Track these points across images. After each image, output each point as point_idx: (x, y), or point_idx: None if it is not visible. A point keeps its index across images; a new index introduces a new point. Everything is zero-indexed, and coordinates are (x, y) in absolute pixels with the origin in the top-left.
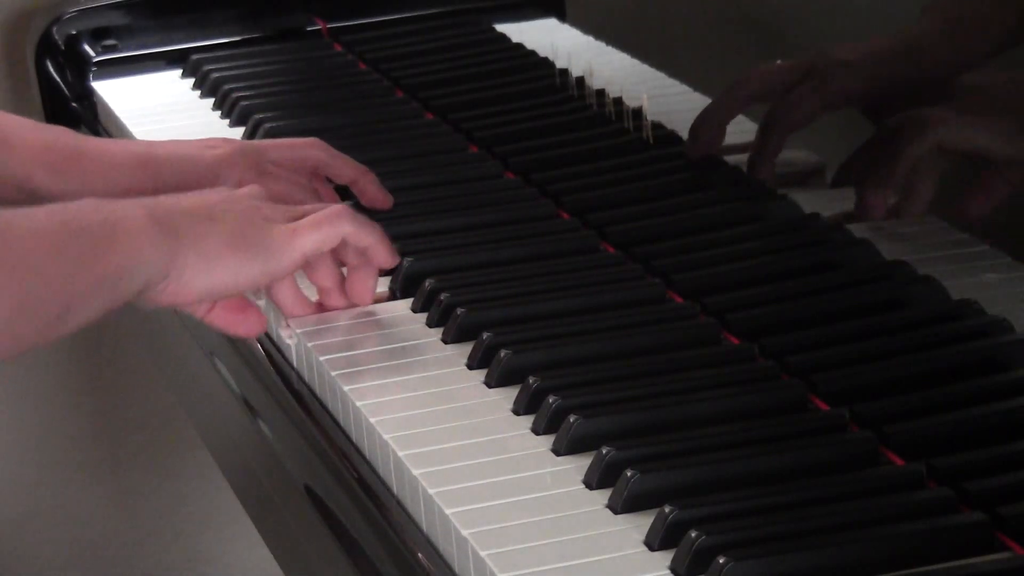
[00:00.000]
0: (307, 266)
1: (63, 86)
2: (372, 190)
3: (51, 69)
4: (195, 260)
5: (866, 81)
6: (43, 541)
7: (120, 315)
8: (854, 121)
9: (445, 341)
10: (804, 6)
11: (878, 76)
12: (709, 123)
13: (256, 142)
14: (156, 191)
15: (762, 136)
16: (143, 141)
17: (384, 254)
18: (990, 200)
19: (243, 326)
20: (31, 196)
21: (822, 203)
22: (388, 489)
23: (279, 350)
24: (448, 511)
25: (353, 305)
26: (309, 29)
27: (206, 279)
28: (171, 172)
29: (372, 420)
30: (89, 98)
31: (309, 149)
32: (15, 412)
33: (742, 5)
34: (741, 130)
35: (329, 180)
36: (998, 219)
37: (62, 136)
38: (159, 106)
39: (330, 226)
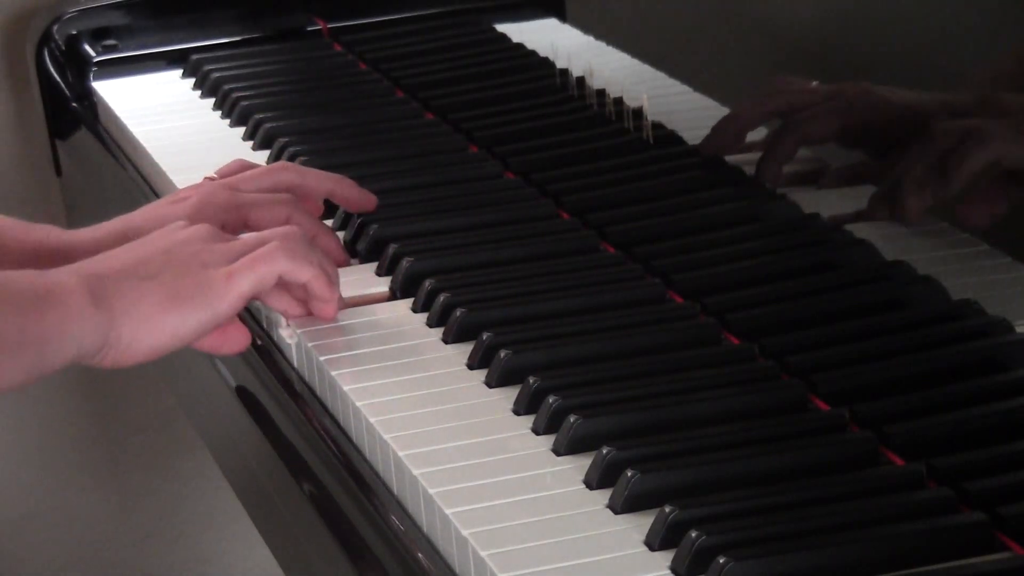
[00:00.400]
0: (260, 297)
1: (63, 86)
2: (353, 196)
3: (51, 69)
4: (131, 326)
5: (889, 124)
6: (43, 542)
7: None
8: None
9: (445, 341)
10: (804, 6)
11: (904, 124)
12: (729, 129)
13: (225, 180)
14: None
15: (774, 142)
16: (121, 217)
17: (322, 289)
18: (996, 210)
19: (227, 345)
20: None
21: (822, 203)
22: (388, 489)
23: (279, 350)
24: (448, 511)
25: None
26: (309, 29)
27: (147, 342)
28: None
29: (372, 420)
30: (89, 98)
31: (279, 174)
32: (15, 414)
33: (742, 5)
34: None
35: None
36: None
37: (51, 234)
38: (159, 106)
39: (265, 266)
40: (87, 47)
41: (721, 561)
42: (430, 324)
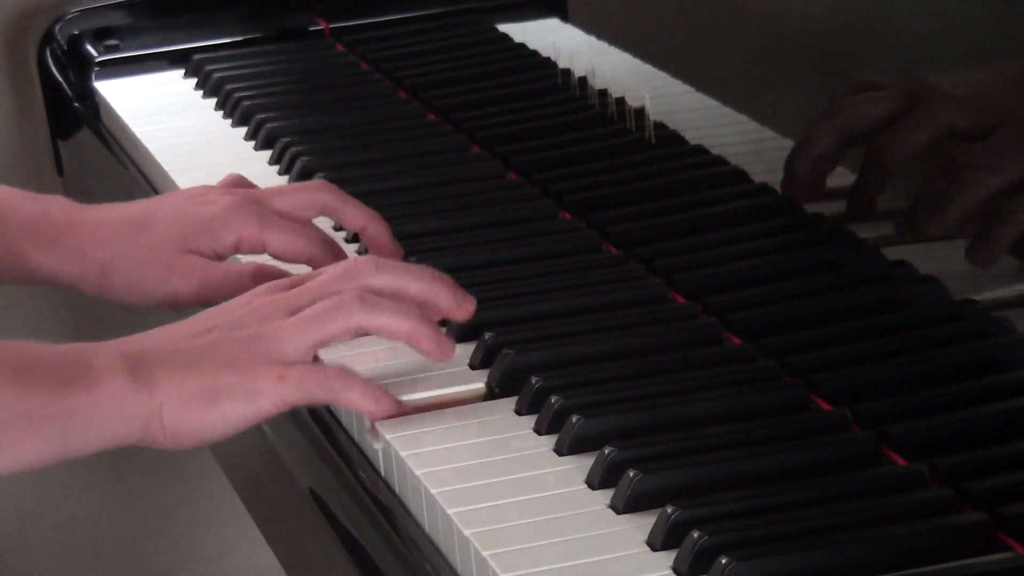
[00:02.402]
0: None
1: (65, 86)
2: (382, 240)
3: (53, 69)
4: (172, 418)
5: (974, 116)
6: (44, 542)
7: (121, 316)
8: None
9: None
10: (806, 5)
11: (986, 110)
12: (804, 158)
13: (258, 191)
14: (154, 251)
15: (865, 173)
16: (141, 203)
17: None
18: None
19: None
20: (26, 272)
21: (824, 204)
22: (390, 489)
23: None
24: (450, 511)
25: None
26: (311, 29)
27: (189, 436)
28: (168, 233)
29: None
30: (91, 98)
31: (317, 192)
32: None
33: (744, 5)
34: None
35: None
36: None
37: (54, 206)
38: (161, 106)
39: (315, 382)
40: (89, 47)
41: (723, 561)
42: None
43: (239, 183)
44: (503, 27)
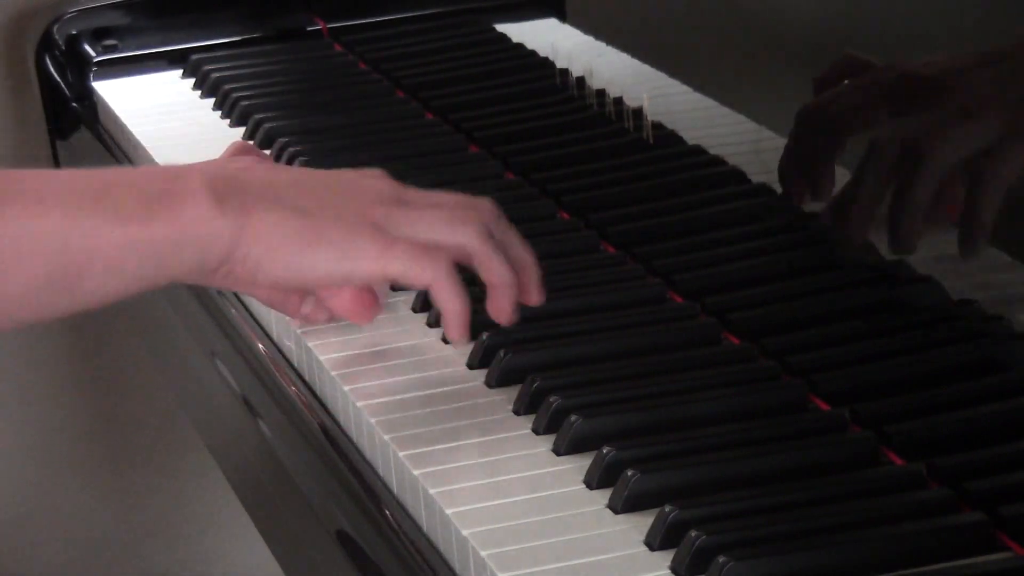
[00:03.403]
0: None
1: (63, 86)
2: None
3: (51, 69)
4: (260, 250)
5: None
6: (42, 541)
7: (120, 315)
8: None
9: (445, 341)
10: (805, 5)
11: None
12: (792, 173)
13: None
14: None
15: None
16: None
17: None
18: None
19: (351, 312)
20: None
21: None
22: (388, 489)
23: (279, 350)
24: (448, 511)
25: None
26: (309, 29)
27: (271, 273)
28: None
29: (372, 420)
30: (89, 98)
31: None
32: (15, 412)
33: (742, 5)
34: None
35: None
36: (998, 219)
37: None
38: (159, 106)
39: (423, 265)
40: (87, 47)
41: (721, 561)
42: (430, 324)
43: (246, 151)
44: (501, 27)
